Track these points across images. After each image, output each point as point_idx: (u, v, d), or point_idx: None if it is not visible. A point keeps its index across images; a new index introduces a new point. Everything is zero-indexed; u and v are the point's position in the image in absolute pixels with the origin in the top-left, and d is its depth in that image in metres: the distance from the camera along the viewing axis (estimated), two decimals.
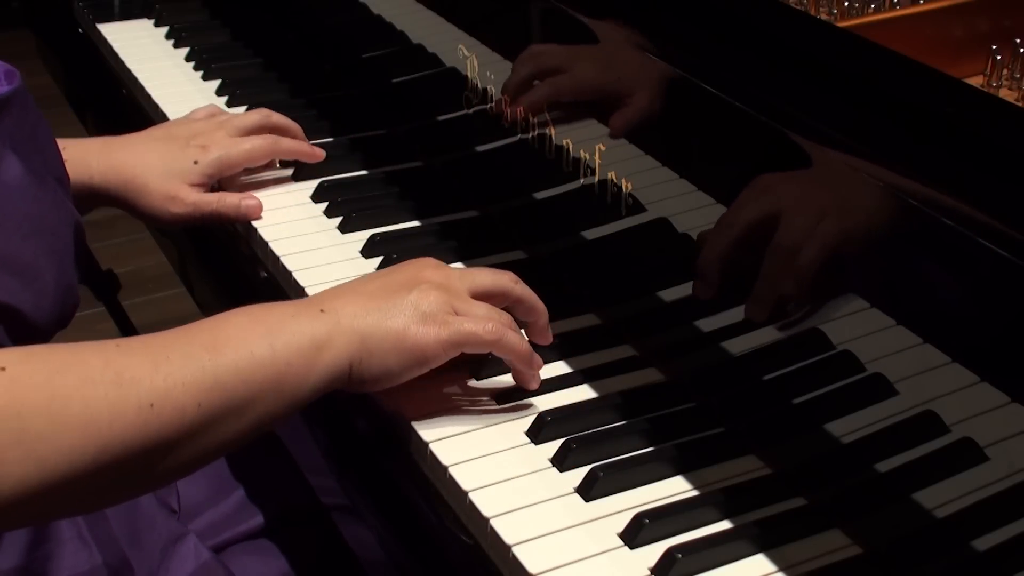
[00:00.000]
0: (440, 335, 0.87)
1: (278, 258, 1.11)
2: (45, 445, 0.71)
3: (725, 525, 0.83)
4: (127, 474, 0.76)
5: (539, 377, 0.93)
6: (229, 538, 1.05)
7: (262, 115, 1.21)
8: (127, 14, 1.62)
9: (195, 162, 1.14)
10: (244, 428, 0.81)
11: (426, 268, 0.92)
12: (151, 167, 1.13)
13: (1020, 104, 0.92)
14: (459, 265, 1.10)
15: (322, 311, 0.86)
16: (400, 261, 1.08)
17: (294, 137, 1.22)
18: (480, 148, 1.22)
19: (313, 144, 1.24)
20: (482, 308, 0.90)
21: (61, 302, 0.85)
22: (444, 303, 0.88)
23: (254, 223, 1.15)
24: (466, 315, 0.89)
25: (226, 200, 1.15)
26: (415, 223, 1.17)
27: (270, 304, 0.87)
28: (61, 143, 1.09)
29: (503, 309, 0.93)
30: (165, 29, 1.57)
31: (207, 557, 1.00)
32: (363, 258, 1.11)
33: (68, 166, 1.01)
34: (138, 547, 0.97)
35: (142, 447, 0.75)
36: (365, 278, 0.93)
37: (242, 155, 1.17)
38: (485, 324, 0.88)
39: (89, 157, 1.13)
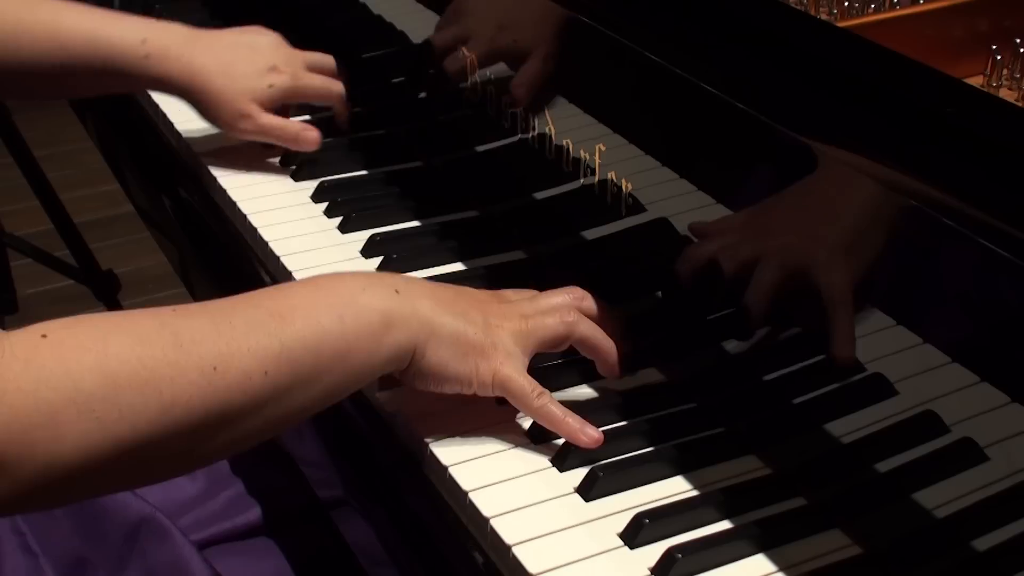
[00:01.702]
0: (498, 372, 0.86)
1: (278, 258, 1.11)
2: (102, 403, 0.69)
3: (725, 525, 0.83)
4: (192, 441, 0.74)
5: (587, 432, 0.88)
6: (229, 530, 1.04)
7: (332, 61, 1.28)
8: None
9: (270, 85, 1.20)
10: (311, 401, 0.80)
11: (492, 299, 0.91)
12: (230, 81, 1.19)
13: (1020, 104, 0.92)
14: (459, 266, 1.10)
15: (397, 292, 0.84)
16: (400, 261, 1.09)
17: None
18: (480, 148, 1.22)
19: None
20: (542, 331, 0.89)
21: None
22: (510, 338, 0.88)
23: (255, 223, 1.15)
24: (529, 342, 0.88)
25: (288, 128, 1.21)
26: (415, 223, 1.17)
27: (338, 274, 0.86)
28: (142, 30, 1.18)
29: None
30: None
31: (179, 539, 0.98)
32: (363, 258, 1.11)
33: (148, 62, 1.13)
34: (98, 539, 0.95)
35: (206, 411, 0.73)
36: (433, 282, 0.92)
37: (312, 91, 1.25)
38: (536, 387, 0.87)
39: (171, 58, 1.18)
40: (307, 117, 1.29)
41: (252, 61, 1.21)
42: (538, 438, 0.89)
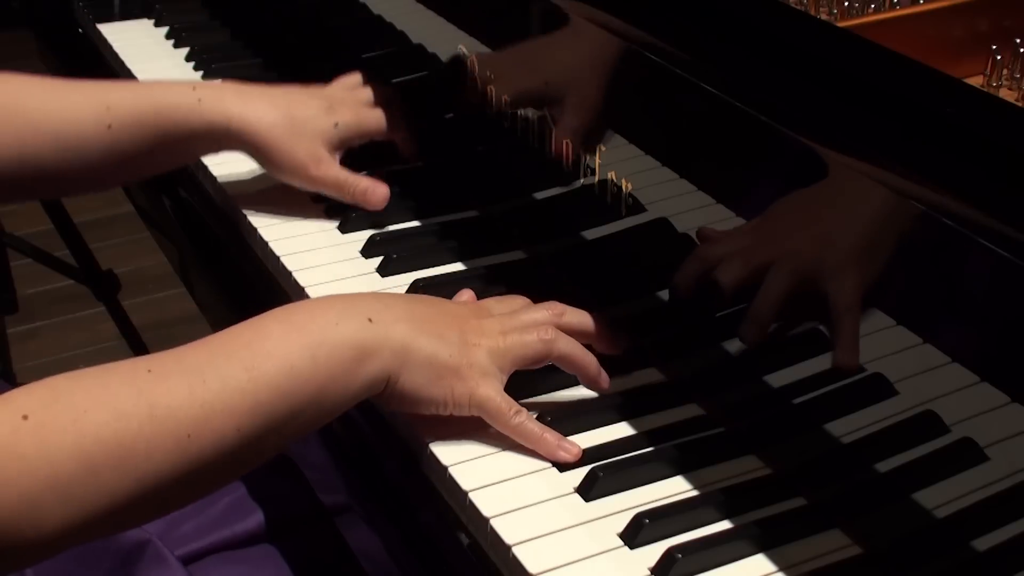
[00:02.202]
0: (475, 392, 0.86)
1: (278, 258, 1.11)
2: (81, 488, 0.70)
3: (725, 525, 0.83)
4: (165, 499, 0.76)
5: (564, 447, 0.87)
6: (231, 537, 1.04)
7: (381, 92, 1.20)
8: (127, 14, 1.62)
9: (336, 124, 1.13)
10: (282, 442, 0.80)
11: (470, 315, 0.90)
12: (296, 123, 1.11)
13: (1020, 104, 0.92)
14: (459, 266, 1.10)
15: (370, 320, 0.84)
16: (400, 261, 1.09)
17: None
18: (480, 148, 1.22)
19: None
20: (521, 348, 0.89)
21: None
22: (487, 358, 0.87)
23: (255, 224, 1.15)
24: (506, 360, 0.88)
25: (360, 184, 1.13)
26: (415, 223, 1.17)
27: (308, 305, 0.85)
28: (190, 83, 1.09)
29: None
30: (165, 29, 1.57)
31: (175, 565, 0.98)
32: (363, 258, 1.11)
33: (203, 107, 1.02)
34: (93, 563, 0.95)
35: (180, 475, 0.74)
36: (411, 297, 0.92)
37: (375, 125, 1.17)
38: (512, 405, 0.87)
39: (227, 101, 1.10)
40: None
41: (309, 102, 1.13)
42: None
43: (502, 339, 0.88)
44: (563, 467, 0.87)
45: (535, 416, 0.88)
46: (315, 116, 1.13)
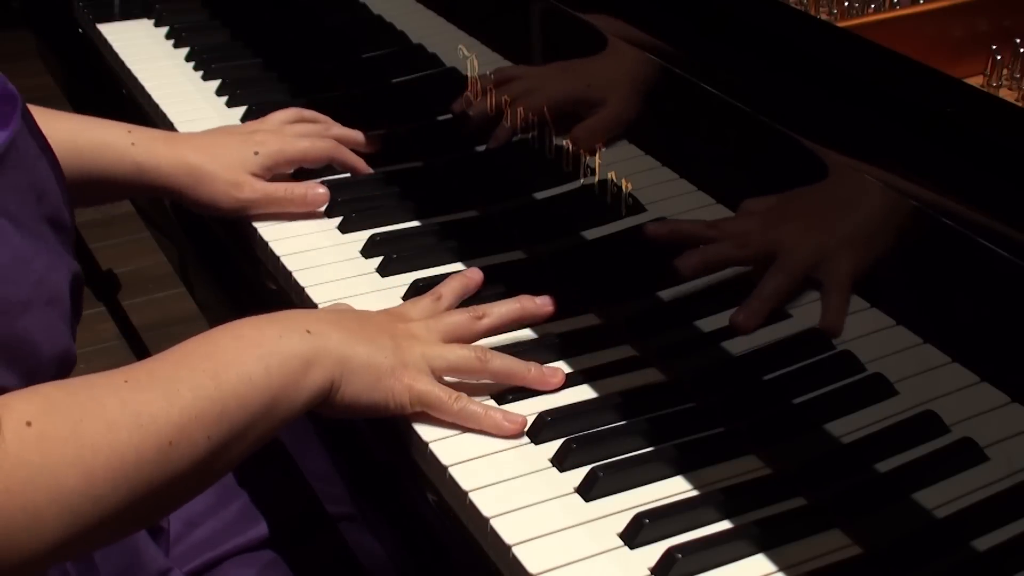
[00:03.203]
0: (412, 390, 0.89)
1: (279, 258, 1.11)
2: (79, 498, 0.72)
3: (725, 525, 0.83)
4: (148, 509, 0.77)
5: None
6: (230, 549, 1.05)
7: (322, 125, 1.24)
8: (127, 14, 1.62)
9: (255, 152, 1.17)
10: (240, 454, 0.82)
11: (395, 321, 0.94)
12: (215, 157, 1.16)
13: (1020, 104, 0.92)
14: (459, 266, 1.10)
15: (308, 331, 0.87)
16: (400, 261, 1.09)
17: (356, 144, 1.25)
18: (480, 148, 1.22)
19: None
20: (455, 350, 0.92)
21: (56, 369, 0.82)
22: (420, 357, 0.90)
23: (255, 224, 1.15)
24: (441, 365, 0.91)
25: (295, 190, 1.17)
26: (415, 223, 1.17)
27: (253, 321, 0.87)
28: (125, 126, 1.14)
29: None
30: (165, 29, 1.57)
31: None
32: (363, 258, 1.11)
33: (136, 150, 1.08)
34: None
35: (162, 483, 0.76)
36: (340, 311, 0.95)
37: (299, 152, 1.20)
38: (451, 393, 0.89)
39: (156, 145, 1.15)
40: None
41: (228, 140, 1.19)
42: (538, 438, 0.89)
43: (434, 344, 0.92)
44: (563, 467, 0.87)
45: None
46: (233, 149, 1.18)
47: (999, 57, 0.93)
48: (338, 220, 1.16)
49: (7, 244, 0.80)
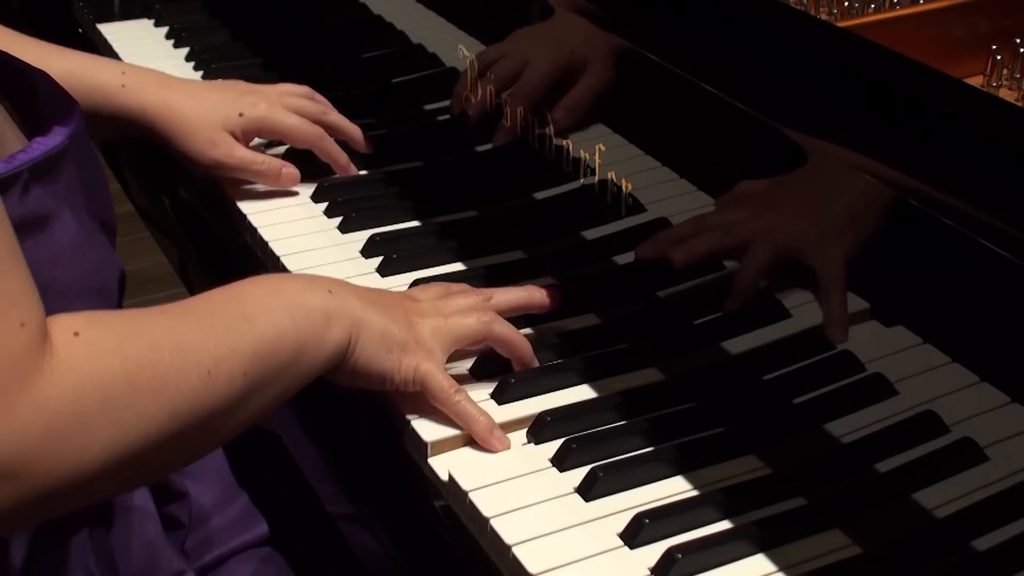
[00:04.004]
0: (419, 367, 0.89)
1: (278, 258, 1.11)
2: (126, 411, 0.72)
3: (725, 525, 0.83)
4: (188, 440, 0.77)
5: (497, 435, 0.90)
6: (237, 546, 1.05)
7: (321, 108, 1.24)
8: (127, 14, 1.62)
9: (240, 114, 1.18)
10: (270, 402, 0.83)
11: (406, 298, 0.95)
12: (203, 112, 1.17)
13: (1020, 104, 0.92)
14: (459, 266, 1.10)
15: (330, 291, 0.88)
16: (400, 261, 1.09)
17: (349, 138, 1.24)
18: (480, 148, 1.22)
19: None
20: (462, 320, 0.93)
21: None
22: (430, 334, 0.91)
23: (255, 223, 1.15)
24: (448, 337, 0.92)
25: (272, 163, 1.19)
26: (415, 223, 1.17)
27: (276, 276, 0.89)
28: (121, 67, 1.16)
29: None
30: (165, 29, 1.57)
31: None
32: (363, 258, 1.11)
33: (125, 93, 1.10)
34: None
35: (202, 412, 0.76)
36: (355, 285, 0.95)
37: (285, 127, 1.20)
38: (453, 384, 0.89)
39: (147, 89, 1.17)
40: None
41: (222, 94, 1.20)
42: (538, 438, 0.89)
43: (443, 320, 0.93)
44: (563, 467, 0.87)
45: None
46: (220, 105, 1.18)
47: (999, 57, 0.93)
48: (338, 220, 1.16)
49: (67, 230, 0.82)
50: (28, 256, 0.71)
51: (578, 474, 0.86)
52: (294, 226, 1.16)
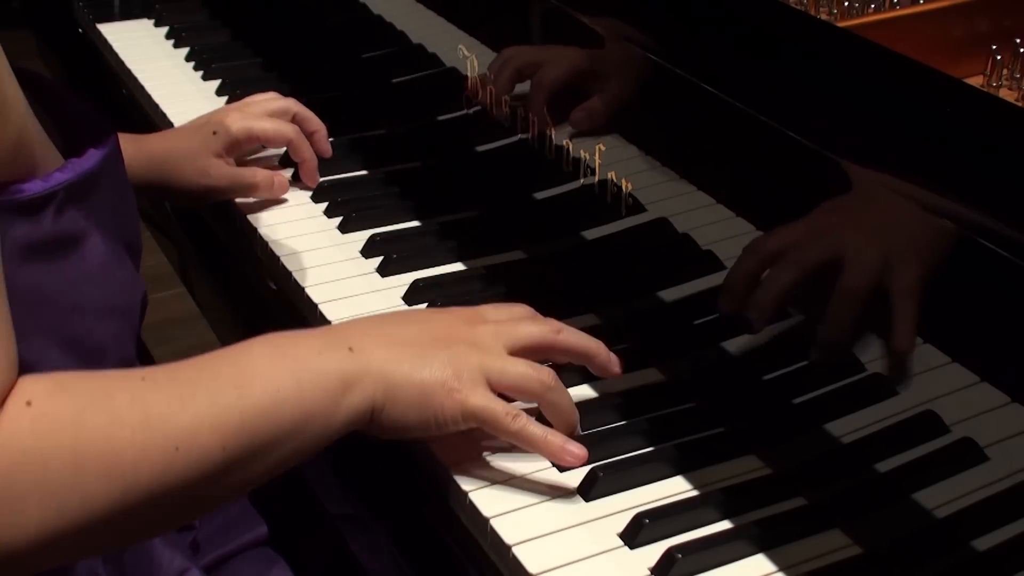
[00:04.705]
0: (466, 405, 0.83)
1: (278, 258, 1.11)
2: (68, 492, 0.69)
3: (725, 525, 0.83)
4: (145, 518, 0.74)
5: (569, 450, 0.85)
6: (237, 545, 1.05)
7: (288, 103, 1.24)
8: (127, 14, 1.62)
9: (214, 132, 1.19)
10: (266, 469, 0.78)
11: (461, 324, 0.88)
12: (181, 148, 1.19)
13: (1020, 104, 0.92)
14: (459, 266, 1.10)
15: (351, 349, 0.82)
16: (400, 261, 1.09)
17: (317, 135, 1.24)
18: (480, 148, 1.22)
19: None
20: (519, 367, 0.86)
21: None
22: (477, 368, 0.84)
23: (254, 223, 1.15)
24: (499, 380, 0.85)
25: (259, 174, 1.19)
26: (415, 223, 1.17)
27: (294, 334, 0.84)
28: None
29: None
30: (165, 29, 1.57)
31: None
32: (363, 258, 1.11)
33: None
34: None
35: (163, 491, 0.73)
36: (395, 319, 0.91)
37: (260, 130, 1.21)
38: (509, 409, 0.84)
39: (126, 146, 1.14)
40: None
41: (192, 123, 1.22)
42: None
43: (496, 355, 0.86)
44: (563, 467, 0.87)
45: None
46: (194, 133, 1.20)
47: (999, 57, 0.93)
48: (338, 220, 1.16)
49: (96, 251, 0.81)
50: (61, 275, 0.69)
51: (578, 474, 0.86)
52: (294, 226, 1.16)
